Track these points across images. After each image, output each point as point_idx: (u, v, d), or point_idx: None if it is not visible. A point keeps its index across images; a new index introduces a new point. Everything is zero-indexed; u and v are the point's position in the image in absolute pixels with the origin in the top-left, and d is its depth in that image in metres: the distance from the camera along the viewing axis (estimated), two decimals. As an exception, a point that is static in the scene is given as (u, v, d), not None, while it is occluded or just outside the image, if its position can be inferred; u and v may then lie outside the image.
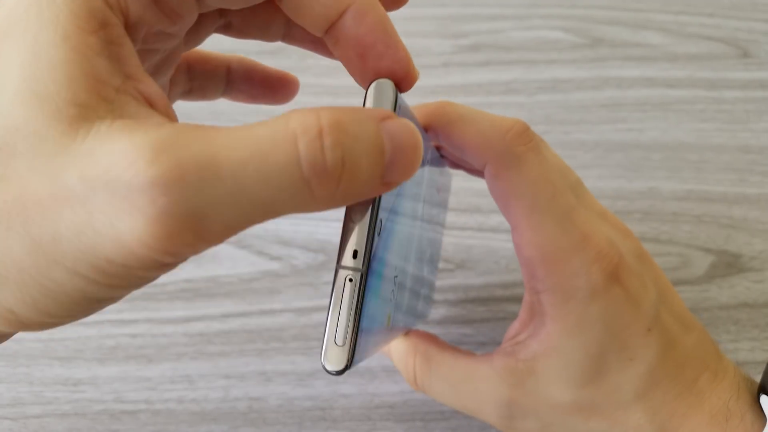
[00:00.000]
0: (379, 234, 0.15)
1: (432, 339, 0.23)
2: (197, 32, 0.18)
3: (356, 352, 0.14)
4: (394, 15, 0.18)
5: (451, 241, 0.30)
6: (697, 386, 0.19)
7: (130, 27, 0.14)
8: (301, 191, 0.12)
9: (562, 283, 0.19)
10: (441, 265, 0.30)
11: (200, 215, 0.11)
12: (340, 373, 0.14)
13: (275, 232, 0.31)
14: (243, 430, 0.25)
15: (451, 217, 0.31)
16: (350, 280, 0.14)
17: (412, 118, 0.17)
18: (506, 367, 0.20)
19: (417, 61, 0.15)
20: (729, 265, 0.29)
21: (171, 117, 0.14)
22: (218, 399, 0.25)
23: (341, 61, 0.16)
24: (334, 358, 0.14)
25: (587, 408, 0.19)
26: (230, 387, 0.26)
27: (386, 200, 0.15)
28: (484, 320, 0.28)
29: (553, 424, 0.20)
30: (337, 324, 0.14)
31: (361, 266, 0.14)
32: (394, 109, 0.14)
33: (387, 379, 0.26)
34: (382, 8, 0.15)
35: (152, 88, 0.13)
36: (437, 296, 0.29)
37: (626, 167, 0.34)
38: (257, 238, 0.30)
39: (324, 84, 0.38)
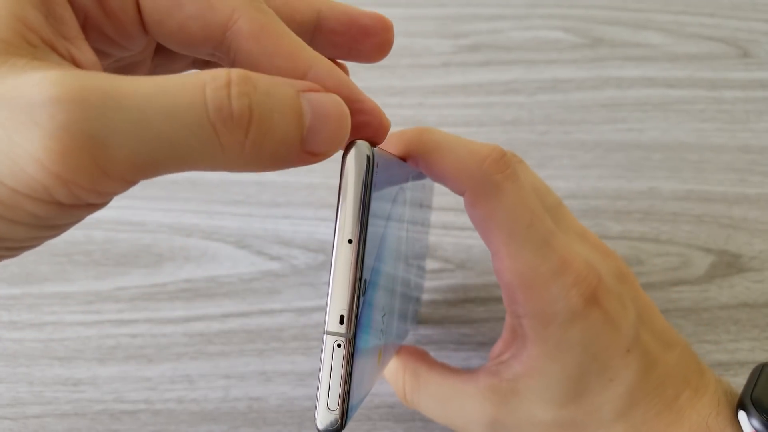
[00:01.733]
0: (364, 294, 0.15)
1: (421, 356, 0.23)
2: (170, 62, 0.18)
3: (349, 411, 0.15)
4: (394, 15, 0.18)
5: (451, 241, 0.30)
6: (677, 404, 0.19)
7: (72, 4, 0.14)
8: (208, 135, 0.12)
9: (541, 308, 0.19)
10: (441, 265, 0.30)
11: (100, 140, 0.11)
12: None
13: (275, 232, 0.31)
14: (243, 430, 0.25)
15: (450, 217, 0.31)
16: (338, 345, 0.15)
17: (389, 161, 0.17)
18: (490, 387, 0.20)
19: (417, 61, 0.15)
20: (729, 265, 0.29)
21: None
22: (218, 399, 0.25)
23: None
24: (328, 421, 0.15)
25: (568, 426, 0.20)
26: (230, 387, 0.26)
27: (369, 257, 0.15)
28: (483, 320, 0.28)
29: None
30: (329, 390, 0.15)
31: (348, 331, 0.14)
32: (372, 169, 0.14)
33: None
34: (338, 71, 0.15)
35: (86, 55, 0.14)
36: (437, 296, 0.29)
37: (626, 167, 0.33)
38: (257, 238, 0.30)
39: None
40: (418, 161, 0.19)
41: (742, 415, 0.18)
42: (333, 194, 0.32)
